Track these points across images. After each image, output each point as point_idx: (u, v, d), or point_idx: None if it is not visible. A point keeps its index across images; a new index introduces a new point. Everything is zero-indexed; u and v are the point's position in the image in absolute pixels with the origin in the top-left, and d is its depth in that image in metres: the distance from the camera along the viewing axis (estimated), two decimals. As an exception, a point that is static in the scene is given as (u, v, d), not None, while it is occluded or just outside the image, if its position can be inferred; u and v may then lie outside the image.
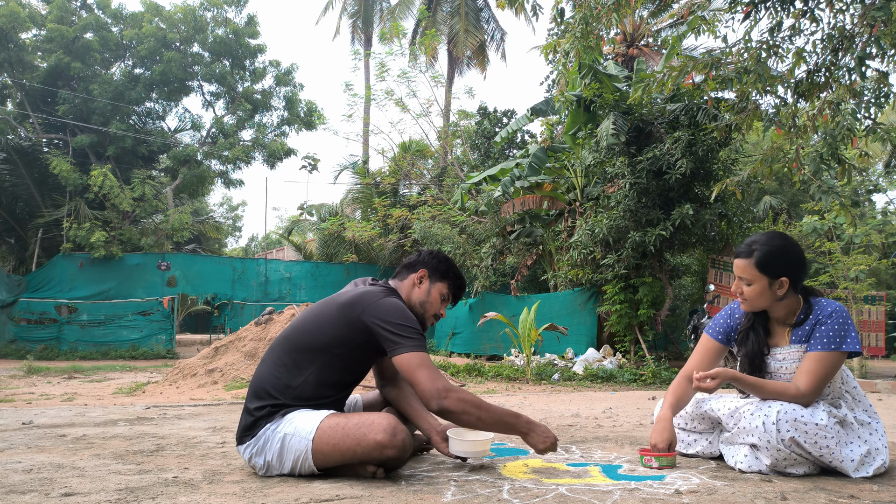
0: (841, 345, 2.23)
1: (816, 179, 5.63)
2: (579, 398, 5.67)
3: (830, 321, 2.26)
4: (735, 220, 10.06)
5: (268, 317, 7.70)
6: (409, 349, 2.09)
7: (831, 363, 2.22)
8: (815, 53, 5.15)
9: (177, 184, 18.30)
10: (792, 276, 2.29)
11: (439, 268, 2.41)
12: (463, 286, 2.48)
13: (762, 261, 2.26)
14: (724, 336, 2.49)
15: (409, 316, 2.18)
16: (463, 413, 2.07)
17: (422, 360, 2.08)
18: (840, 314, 2.27)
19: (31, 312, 15.03)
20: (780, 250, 2.28)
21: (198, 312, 32.92)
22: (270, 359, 2.23)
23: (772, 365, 2.36)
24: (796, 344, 2.32)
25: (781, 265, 2.27)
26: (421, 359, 2.08)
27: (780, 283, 2.28)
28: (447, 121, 21.48)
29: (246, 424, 2.16)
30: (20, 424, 3.47)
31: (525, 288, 14.40)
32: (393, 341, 2.10)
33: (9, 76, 16.72)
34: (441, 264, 2.42)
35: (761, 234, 2.35)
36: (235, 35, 18.14)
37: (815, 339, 2.26)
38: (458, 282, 2.44)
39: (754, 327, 2.39)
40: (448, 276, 2.42)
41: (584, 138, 10.72)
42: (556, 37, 6.12)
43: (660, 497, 1.90)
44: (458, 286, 2.45)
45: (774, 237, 2.32)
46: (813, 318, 2.30)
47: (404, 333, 2.11)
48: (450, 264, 2.45)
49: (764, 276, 2.27)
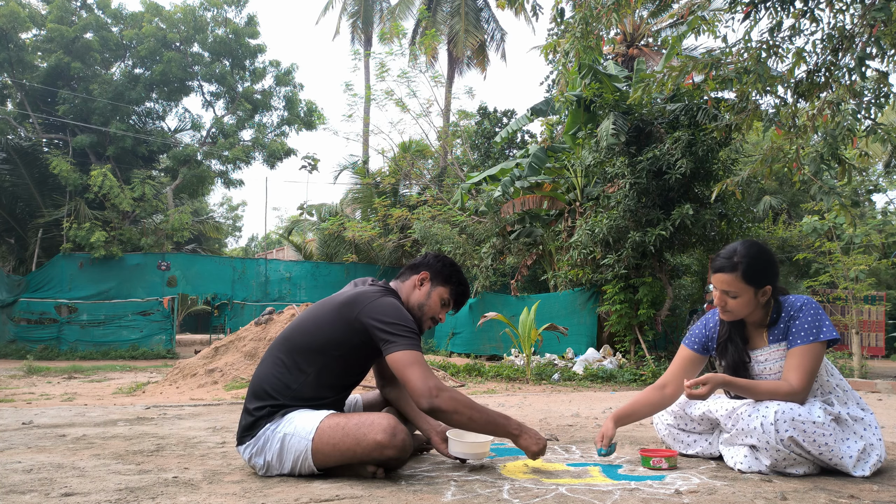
0: (819, 335, 2.25)
1: (816, 179, 5.62)
2: (579, 398, 5.67)
3: (803, 315, 2.29)
4: (735, 220, 10.06)
5: (268, 317, 7.70)
6: (401, 347, 2.07)
7: (815, 354, 2.24)
8: (815, 53, 5.15)
9: (177, 184, 18.30)
10: (773, 283, 2.32)
11: (443, 271, 2.38)
12: (466, 293, 2.44)
13: (748, 273, 2.27)
14: (700, 346, 2.51)
15: (405, 315, 2.17)
16: (454, 413, 2.05)
17: (414, 358, 2.06)
18: (810, 305, 2.30)
19: (31, 312, 15.02)
20: (762, 259, 2.30)
21: (198, 312, 32.93)
22: (270, 359, 2.23)
23: (755, 368, 2.39)
24: (774, 343, 2.34)
25: (764, 274, 2.29)
26: (413, 357, 2.07)
27: (763, 292, 2.31)
28: (447, 121, 21.49)
29: (246, 425, 2.16)
30: (20, 424, 3.47)
31: (525, 288, 14.40)
32: (386, 339, 2.09)
33: (9, 76, 16.71)
34: (445, 268, 2.39)
35: (738, 245, 2.34)
36: (235, 35, 18.14)
37: (794, 335, 2.28)
38: (460, 288, 2.41)
39: (731, 338, 2.41)
40: (451, 280, 2.39)
41: (584, 138, 10.72)
42: (556, 37, 6.11)
43: (660, 497, 1.90)
44: (460, 292, 2.41)
45: (752, 246, 2.33)
46: (785, 314, 2.32)
47: (398, 332, 2.10)
48: (454, 269, 2.41)
49: (750, 288, 2.28)
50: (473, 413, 2.10)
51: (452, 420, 2.08)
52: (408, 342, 2.09)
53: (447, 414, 2.05)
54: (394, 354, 2.07)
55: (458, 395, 2.09)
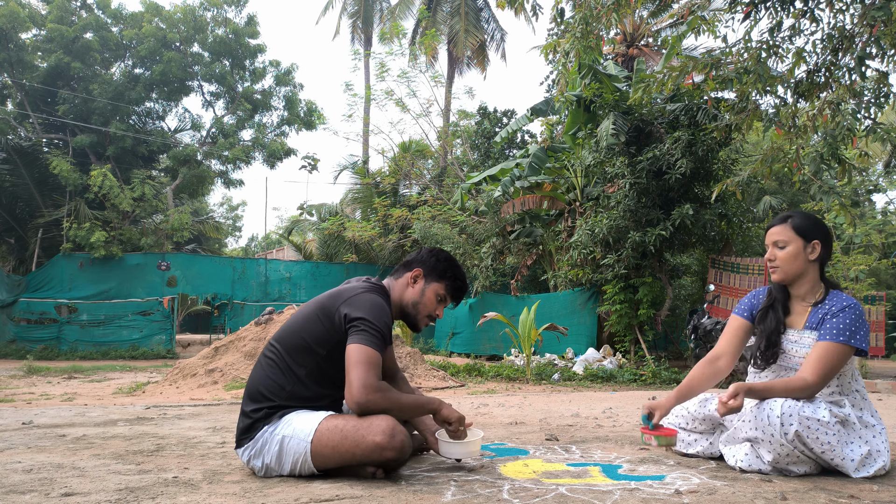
0: (850, 339, 2.24)
1: (816, 179, 5.62)
2: (579, 398, 5.67)
3: (843, 314, 2.29)
4: (735, 220, 10.06)
5: (268, 317, 7.70)
6: (359, 341, 2.05)
7: (839, 355, 2.24)
8: (815, 53, 5.15)
9: (177, 184, 18.30)
10: (823, 241, 2.40)
11: (437, 267, 2.35)
12: (463, 286, 2.40)
13: (798, 224, 2.40)
14: (748, 314, 2.55)
15: (379, 313, 2.14)
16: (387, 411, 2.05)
17: (365, 356, 2.02)
18: (854, 309, 2.30)
19: (31, 312, 15.02)
20: (814, 219, 2.44)
21: (198, 312, 32.91)
22: (263, 361, 2.22)
23: (785, 344, 2.40)
24: (808, 330, 2.36)
25: (815, 228, 2.40)
26: (365, 354, 2.02)
27: (812, 247, 2.38)
28: (447, 121, 21.49)
29: (243, 427, 2.15)
30: (20, 424, 3.47)
31: (525, 288, 14.40)
32: (350, 330, 2.08)
33: (9, 76, 16.71)
34: (439, 263, 2.35)
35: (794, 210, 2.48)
36: (235, 35, 18.14)
37: (826, 329, 2.28)
38: (456, 282, 2.37)
39: (774, 306, 2.46)
40: (446, 275, 2.35)
41: (584, 138, 10.72)
42: (556, 37, 6.11)
43: (660, 497, 1.90)
44: (456, 286, 2.37)
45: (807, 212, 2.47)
46: (828, 304, 2.35)
47: (363, 326, 2.07)
48: (449, 263, 2.37)
49: (799, 238, 2.38)
50: (402, 404, 2.11)
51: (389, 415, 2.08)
52: (366, 338, 2.05)
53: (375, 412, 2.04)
54: (350, 346, 2.05)
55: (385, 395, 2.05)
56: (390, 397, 2.06)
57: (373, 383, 2.00)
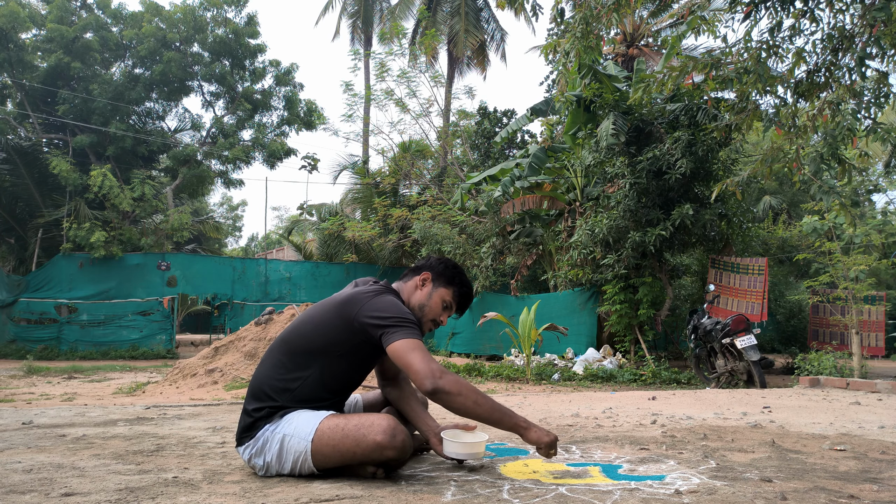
0: None
1: (816, 179, 5.63)
2: (579, 398, 5.67)
3: None
4: (735, 220, 10.06)
5: (268, 317, 7.70)
6: (401, 336, 2.05)
7: None
8: (815, 53, 5.15)
9: (177, 184, 18.30)
10: None
11: (445, 273, 2.37)
12: (470, 295, 2.42)
13: None
14: None
15: (403, 309, 2.16)
16: (458, 394, 2.01)
17: (415, 345, 2.04)
18: None
19: (31, 312, 15.02)
20: None
21: (198, 312, 32.91)
22: (269, 361, 2.22)
23: None
24: None
25: None
26: (414, 343, 2.04)
27: None
28: (447, 121, 21.48)
29: (245, 425, 2.16)
30: (20, 424, 3.47)
31: (525, 288, 14.40)
32: (385, 331, 2.08)
33: (9, 76, 16.71)
34: (448, 270, 2.38)
35: None
36: (235, 35, 18.14)
37: None
38: (463, 290, 2.39)
39: None
40: (454, 282, 2.37)
41: (584, 138, 10.72)
42: (556, 37, 6.11)
43: (660, 497, 1.90)
44: (463, 294, 2.39)
45: None
46: None
47: (396, 323, 2.08)
48: (457, 272, 2.40)
49: None
50: (479, 397, 2.05)
51: (456, 402, 2.01)
52: (407, 331, 2.07)
53: (451, 395, 2.00)
54: (394, 344, 2.05)
55: (462, 379, 2.07)
56: (460, 380, 2.05)
57: (436, 366, 2.02)
